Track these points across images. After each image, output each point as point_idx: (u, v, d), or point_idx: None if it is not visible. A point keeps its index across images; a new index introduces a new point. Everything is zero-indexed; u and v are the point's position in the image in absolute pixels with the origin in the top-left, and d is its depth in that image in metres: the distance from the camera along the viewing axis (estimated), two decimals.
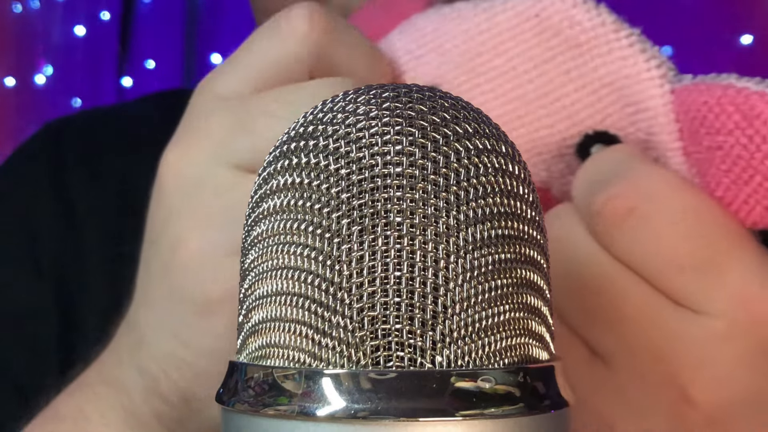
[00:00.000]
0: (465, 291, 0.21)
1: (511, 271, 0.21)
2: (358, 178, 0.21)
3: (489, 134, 0.22)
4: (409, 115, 0.21)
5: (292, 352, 0.21)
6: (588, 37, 0.33)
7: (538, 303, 0.22)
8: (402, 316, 0.20)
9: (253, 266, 0.23)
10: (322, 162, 0.21)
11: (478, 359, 0.21)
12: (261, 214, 0.23)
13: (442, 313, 0.20)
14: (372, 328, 0.20)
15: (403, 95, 0.22)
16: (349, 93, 0.23)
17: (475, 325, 0.21)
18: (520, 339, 0.22)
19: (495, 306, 0.21)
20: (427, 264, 0.20)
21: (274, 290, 0.22)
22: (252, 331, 0.22)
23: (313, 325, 0.21)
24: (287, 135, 0.23)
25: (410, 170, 0.21)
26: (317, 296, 0.21)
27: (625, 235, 0.32)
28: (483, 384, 0.20)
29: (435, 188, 0.21)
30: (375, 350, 0.20)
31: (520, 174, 0.22)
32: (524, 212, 0.22)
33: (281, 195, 0.22)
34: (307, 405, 0.20)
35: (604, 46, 0.33)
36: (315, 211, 0.21)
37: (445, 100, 0.22)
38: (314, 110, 0.23)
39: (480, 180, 0.21)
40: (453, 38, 0.35)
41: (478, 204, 0.21)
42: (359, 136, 0.21)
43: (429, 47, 0.36)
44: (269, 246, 0.22)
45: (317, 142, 0.22)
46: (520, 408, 0.20)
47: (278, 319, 0.21)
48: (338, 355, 0.20)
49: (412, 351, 0.20)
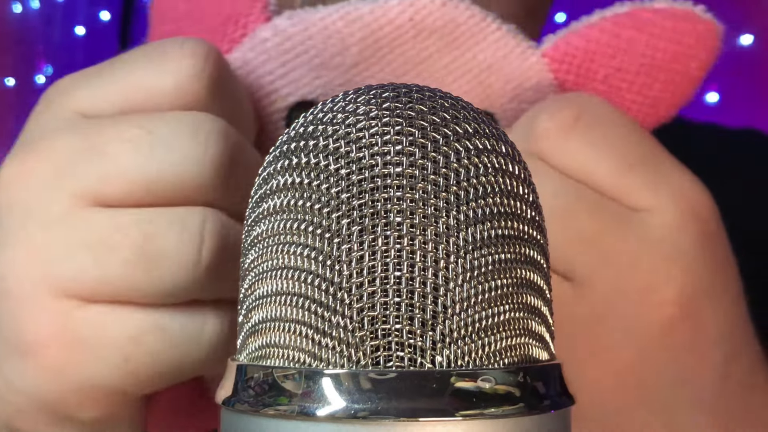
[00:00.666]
0: (465, 291, 0.21)
1: (511, 271, 0.21)
2: (358, 178, 0.21)
3: (489, 134, 0.22)
4: (409, 115, 0.21)
5: (292, 352, 0.21)
6: (462, 30, 0.35)
7: (538, 303, 0.22)
8: (402, 316, 0.20)
9: (253, 266, 0.23)
10: (322, 162, 0.21)
11: (478, 359, 0.21)
12: (261, 214, 0.23)
13: (442, 313, 0.20)
14: (372, 328, 0.20)
15: (403, 95, 0.22)
16: (349, 93, 0.23)
17: (475, 325, 0.21)
18: (521, 339, 0.22)
19: (495, 306, 0.21)
20: (427, 264, 0.20)
21: (274, 290, 0.22)
22: (252, 331, 0.22)
23: (313, 325, 0.21)
24: (287, 135, 0.23)
25: (410, 170, 0.21)
26: (317, 296, 0.21)
27: (575, 142, 0.33)
28: (483, 384, 0.20)
29: (435, 188, 0.21)
30: (375, 350, 0.20)
31: (520, 174, 0.22)
32: (524, 212, 0.22)
33: (281, 195, 0.22)
34: (307, 405, 0.20)
35: (479, 34, 0.35)
36: (315, 211, 0.21)
37: (445, 100, 0.22)
38: (314, 110, 0.23)
39: (480, 180, 0.21)
40: (322, 51, 0.34)
41: (478, 204, 0.21)
42: (359, 136, 0.21)
43: (294, 64, 0.34)
44: (269, 246, 0.22)
45: (317, 142, 0.22)
46: (520, 408, 0.20)
47: (278, 319, 0.21)
48: (338, 355, 0.20)
49: (412, 351, 0.20)
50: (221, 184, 0.30)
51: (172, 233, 0.29)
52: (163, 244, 0.29)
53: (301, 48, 0.34)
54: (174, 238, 0.29)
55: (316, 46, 0.34)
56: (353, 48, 0.34)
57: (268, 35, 0.34)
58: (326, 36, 0.34)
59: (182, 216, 0.30)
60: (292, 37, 0.34)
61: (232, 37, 0.34)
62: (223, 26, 0.34)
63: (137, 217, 0.30)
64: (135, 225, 0.29)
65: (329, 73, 0.34)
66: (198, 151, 0.30)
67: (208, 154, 0.30)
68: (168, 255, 0.29)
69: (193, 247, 0.29)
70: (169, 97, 0.31)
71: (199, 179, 0.30)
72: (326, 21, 0.34)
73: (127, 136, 0.30)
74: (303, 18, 0.34)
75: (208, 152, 0.30)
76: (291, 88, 0.34)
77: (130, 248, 0.29)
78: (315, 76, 0.34)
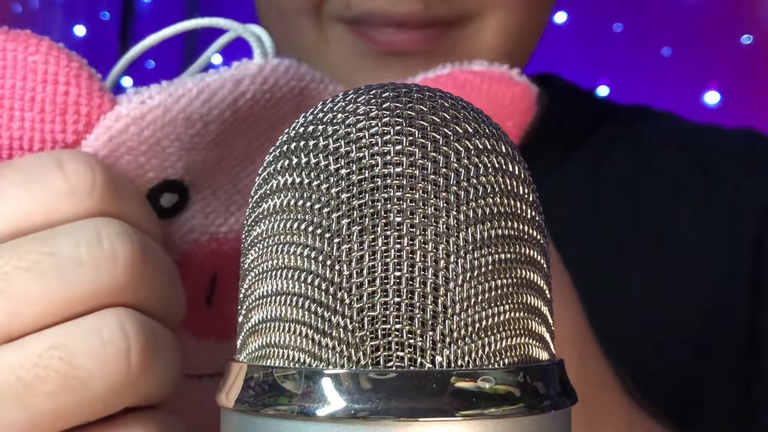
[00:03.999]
0: (465, 291, 0.21)
1: (511, 271, 0.21)
2: (358, 178, 0.21)
3: (489, 134, 0.22)
4: (409, 115, 0.21)
5: (292, 352, 0.21)
6: (309, 91, 0.35)
7: (538, 303, 0.22)
8: (402, 316, 0.20)
9: (253, 266, 0.23)
10: (322, 162, 0.21)
11: (478, 359, 0.21)
12: (261, 214, 0.23)
13: (442, 313, 0.20)
14: (372, 328, 0.20)
15: (403, 95, 0.22)
16: (349, 93, 0.23)
17: (475, 325, 0.21)
18: (521, 339, 0.22)
19: (495, 306, 0.21)
20: (427, 264, 0.20)
21: (274, 290, 0.22)
22: (252, 331, 0.22)
23: (313, 325, 0.21)
24: (287, 135, 0.23)
25: (410, 170, 0.21)
26: (317, 296, 0.21)
27: None
28: (483, 384, 0.20)
29: (435, 188, 0.21)
30: (375, 350, 0.20)
31: (520, 174, 0.22)
32: (524, 212, 0.22)
33: (281, 195, 0.22)
34: (307, 405, 0.20)
35: (324, 93, 0.36)
36: (315, 211, 0.21)
37: (445, 100, 0.22)
38: (314, 110, 0.23)
39: (480, 180, 0.21)
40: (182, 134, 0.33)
41: (478, 204, 0.21)
42: (359, 136, 0.21)
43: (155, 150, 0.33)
44: (269, 246, 0.22)
45: (317, 142, 0.22)
46: (520, 408, 0.20)
47: (278, 319, 0.21)
48: (338, 355, 0.20)
49: (412, 351, 0.20)
50: (135, 284, 0.28)
51: (93, 346, 0.27)
52: (86, 363, 0.27)
53: (161, 134, 0.33)
54: (97, 350, 0.27)
55: (176, 130, 0.33)
56: (212, 126, 0.33)
57: (123, 125, 0.32)
58: (185, 119, 0.33)
59: (99, 324, 0.27)
60: (151, 124, 0.32)
61: (75, 128, 0.32)
62: (61, 116, 0.32)
63: (53, 340, 0.27)
64: (52, 351, 0.27)
65: (190, 153, 0.33)
66: (107, 259, 0.28)
67: (118, 258, 0.28)
68: (95, 371, 0.27)
69: (120, 354, 0.27)
70: (62, 212, 0.28)
71: (113, 285, 0.28)
72: (183, 103, 0.32)
73: (26, 264, 0.27)
74: (158, 103, 0.32)
75: (117, 258, 0.28)
76: (154, 172, 0.33)
77: (53, 381, 0.26)
78: (176, 158, 0.33)
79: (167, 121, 0.32)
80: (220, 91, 0.33)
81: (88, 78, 0.32)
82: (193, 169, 0.34)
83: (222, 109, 0.33)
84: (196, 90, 0.33)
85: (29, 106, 0.31)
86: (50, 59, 0.32)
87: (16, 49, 0.32)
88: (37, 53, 0.32)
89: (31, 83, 0.31)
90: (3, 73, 0.31)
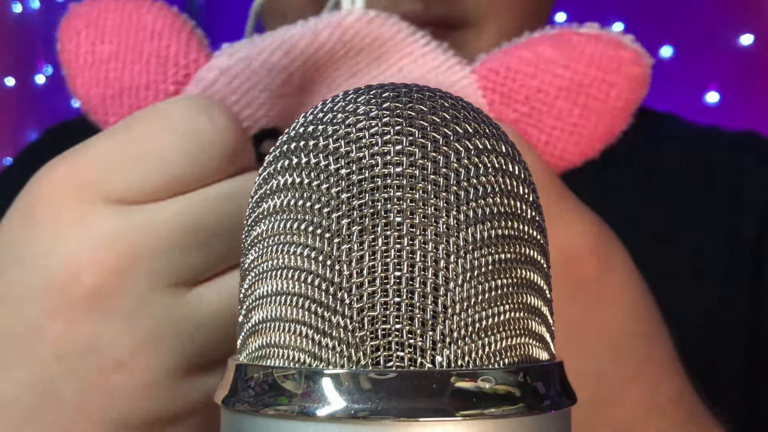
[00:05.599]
0: (465, 291, 0.21)
1: (511, 271, 0.21)
2: (358, 178, 0.21)
3: (489, 134, 0.22)
4: (409, 115, 0.21)
5: (292, 352, 0.21)
6: (389, 45, 0.36)
7: (538, 303, 0.22)
8: (402, 316, 0.20)
9: (253, 266, 0.23)
10: (322, 162, 0.21)
11: (478, 359, 0.21)
12: (261, 214, 0.23)
13: (442, 313, 0.20)
14: (372, 328, 0.20)
15: (403, 95, 0.22)
16: (349, 93, 0.23)
17: (475, 325, 0.21)
18: (521, 339, 0.22)
19: (495, 306, 0.21)
20: (427, 264, 0.20)
21: (274, 290, 0.22)
22: (252, 331, 0.22)
23: (313, 325, 0.21)
24: (287, 135, 0.23)
25: (410, 170, 0.21)
26: (317, 296, 0.21)
27: None
28: (483, 384, 0.20)
29: (435, 188, 0.21)
30: (375, 350, 0.20)
31: (521, 174, 0.22)
32: (524, 212, 0.22)
33: (281, 195, 0.22)
34: (307, 405, 0.20)
35: (406, 49, 0.37)
36: (315, 211, 0.21)
37: (445, 100, 0.22)
38: (314, 110, 0.23)
39: (480, 180, 0.21)
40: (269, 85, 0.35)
41: (478, 204, 0.21)
42: (359, 136, 0.21)
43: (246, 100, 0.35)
44: (269, 246, 0.22)
45: (317, 142, 0.22)
46: (520, 408, 0.20)
47: (278, 319, 0.21)
48: (338, 355, 0.20)
49: (412, 351, 0.20)
50: None
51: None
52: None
53: (248, 84, 0.35)
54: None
55: (263, 81, 0.35)
56: (296, 75, 0.35)
57: (214, 76, 0.35)
58: (269, 69, 0.35)
59: None
60: (239, 75, 0.35)
61: (175, 79, 0.35)
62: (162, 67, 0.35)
63: None
64: None
65: (280, 101, 0.35)
66: None
67: None
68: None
69: None
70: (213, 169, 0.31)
71: None
72: (266, 55, 0.35)
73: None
74: (244, 56, 0.35)
75: None
76: (248, 122, 0.35)
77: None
78: (268, 107, 0.35)
79: (252, 71, 0.35)
80: (300, 43, 0.35)
81: (189, 33, 0.36)
82: (286, 117, 0.36)
83: (303, 60, 0.35)
84: (277, 42, 0.35)
85: (138, 58, 0.35)
86: (159, 18, 0.35)
87: (132, 9, 0.36)
88: (149, 13, 0.35)
89: (141, 38, 0.35)
90: (120, 30, 0.35)
